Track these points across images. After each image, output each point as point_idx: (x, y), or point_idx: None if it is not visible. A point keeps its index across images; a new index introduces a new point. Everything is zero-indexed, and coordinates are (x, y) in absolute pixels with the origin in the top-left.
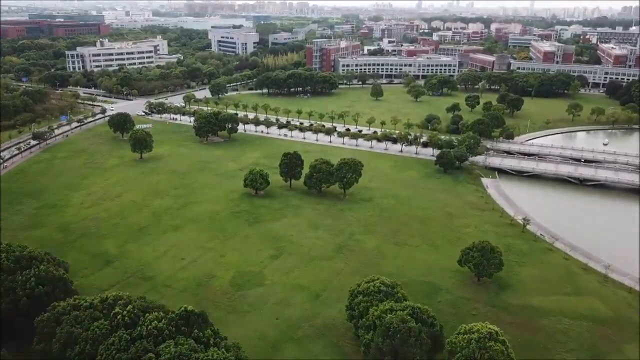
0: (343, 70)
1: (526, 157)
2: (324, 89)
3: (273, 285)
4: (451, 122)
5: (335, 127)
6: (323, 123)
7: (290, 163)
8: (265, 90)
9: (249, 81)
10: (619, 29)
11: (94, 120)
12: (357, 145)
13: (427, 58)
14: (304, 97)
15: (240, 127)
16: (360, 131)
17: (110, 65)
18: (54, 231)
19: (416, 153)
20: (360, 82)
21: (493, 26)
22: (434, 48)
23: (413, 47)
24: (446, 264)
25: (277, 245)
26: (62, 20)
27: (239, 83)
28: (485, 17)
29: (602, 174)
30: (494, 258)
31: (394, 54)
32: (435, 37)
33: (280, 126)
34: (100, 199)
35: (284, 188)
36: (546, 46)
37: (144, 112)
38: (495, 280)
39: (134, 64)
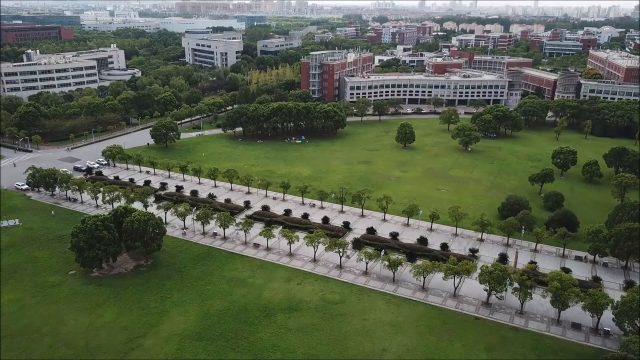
0: (352, 94)
1: None
2: (326, 129)
3: None
4: (557, 216)
5: (349, 225)
6: (325, 209)
7: None
8: (239, 129)
9: (219, 112)
10: None
11: None
12: (394, 282)
13: (465, 76)
14: (297, 142)
15: (177, 222)
16: (395, 236)
17: (35, 88)
18: None
19: (521, 312)
20: (376, 113)
21: (515, 28)
22: (467, 60)
23: (441, 60)
24: None
25: None
26: (20, 22)
27: (204, 116)
28: (496, 16)
29: None
30: None
31: (412, 65)
32: (454, 41)
33: (248, 223)
34: None
35: None
36: (619, 58)
37: (28, 184)
38: None
39: (69, 84)
